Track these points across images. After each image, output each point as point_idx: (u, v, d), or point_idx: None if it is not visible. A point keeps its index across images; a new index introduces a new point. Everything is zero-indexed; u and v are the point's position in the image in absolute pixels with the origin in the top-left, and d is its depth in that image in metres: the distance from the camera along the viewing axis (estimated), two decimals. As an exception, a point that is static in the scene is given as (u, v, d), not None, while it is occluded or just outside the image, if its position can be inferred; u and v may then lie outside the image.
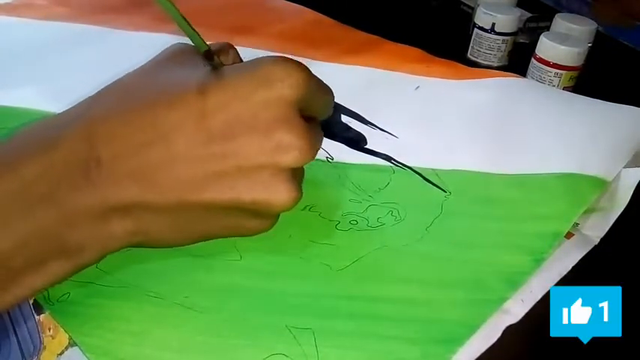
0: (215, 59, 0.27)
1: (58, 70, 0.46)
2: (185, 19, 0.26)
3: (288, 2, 0.60)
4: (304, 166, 0.28)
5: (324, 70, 0.48)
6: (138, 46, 0.49)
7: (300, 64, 0.26)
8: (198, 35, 0.27)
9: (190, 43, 0.28)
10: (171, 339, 0.27)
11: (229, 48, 0.31)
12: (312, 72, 0.27)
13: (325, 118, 0.31)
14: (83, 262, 0.26)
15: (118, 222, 0.25)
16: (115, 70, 0.47)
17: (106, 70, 0.47)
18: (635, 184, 0.36)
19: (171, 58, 0.29)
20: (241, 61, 0.31)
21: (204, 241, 0.28)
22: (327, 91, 0.29)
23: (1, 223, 0.24)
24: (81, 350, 0.27)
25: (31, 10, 0.54)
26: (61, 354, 0.27)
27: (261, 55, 0.27)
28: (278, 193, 0.26)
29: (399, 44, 0.53)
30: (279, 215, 0.28)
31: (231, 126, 0.25)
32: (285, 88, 0.25)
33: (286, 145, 0.25)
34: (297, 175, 0.27)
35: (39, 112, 0.41)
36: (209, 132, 0.25)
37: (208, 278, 0.31)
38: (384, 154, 0.37)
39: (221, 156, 0.25)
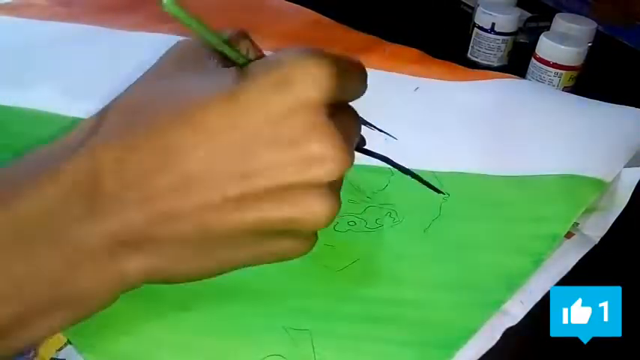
0: (237, 54, 0.24)
1: (58, 69, 0.46)
2: (198, 21, 0.23)
3: (288, 2, 0.60)
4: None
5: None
6: (138, 46, 0.49)
7: (320, 54, 0.22)
8: (217, 36, 0.23)
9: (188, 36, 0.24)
10: (169, 340, 0.27)
11: (242, 36, 0.27)
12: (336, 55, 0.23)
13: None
14: (89, 309, 0.23)
15: (128, 259, 0.22)
16: (115, 70, 0.47)
17: (106, 70, 0.47)
18: (635, 184, 0.36)
19: (180, 60, 0.25)
20: (258, 50, 0.28)
21: (236, 269, 0.25)
22: (356, 68, 0.25)
23: None
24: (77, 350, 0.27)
25: (31, 10, 0.54)
26: (60, 349, 0.27)
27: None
28: (311, 210, 0.22)
29: (399, 45, 0.53)
30: (316, 233, 0.25)
31: (249, 141, 0.22)
32: (308, 90, 0.21)
33: (317, 157, 0.22)
34: (333, 185, 0.23)
35: (38, 112, 0.41)
36: (225, 150, 0.22)
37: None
38: (382, 156, 0.37)
39: (241, 177, 0.22)
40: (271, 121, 0.22)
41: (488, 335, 0.29)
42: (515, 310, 0.30)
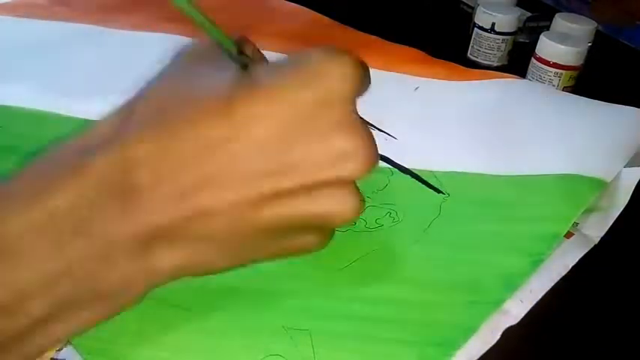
0: (244, 57, 0.24)
1: (58, 69, 0.46)
2: (207, 19, 0.23)
3: (288, 2, 0.60)
4: None
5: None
6: (138, 46, 0.49)
7: (346, 52, 0.22)
8: (224, 34, 0.24)
9: (200, 36, 0.24)
10: (168, 340, 0.27)
11: (247, 42, 0.27)
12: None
13: None
14: (121, 305, 0.23)
15: (160, 255, 0.22)
16: (115, 70, 0.47)
17: (106, 70, 0.47)
18: (635, 184, 0.36)
19: (195, 59, 0.25)
20: (261, 55, 0.28)
21: (254, 263, 0.25)
22: (366, 66, 0.25)
23: (26, 261, 0.21)
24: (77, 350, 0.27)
25: (30, 10, 0.54)
26: (60, 350, 0.27)
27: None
28: (343, 206, 0.23)
29: (399, 45, 0.53)
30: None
31: (284, 136, 0.22)
32: (341, 84, 0.22)
33: (349, 153, 0.22)
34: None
35: (38, 112, 0.41)
36: (260, 145, 0.22)
37: (205, 279, 0.31)
38: (382, 155, 0.37)
39: (277, 173, 0.22)
40: (304, 116, 0.22)
41: (489, 334, 0.29)
42: (516, 309, 0.30)
